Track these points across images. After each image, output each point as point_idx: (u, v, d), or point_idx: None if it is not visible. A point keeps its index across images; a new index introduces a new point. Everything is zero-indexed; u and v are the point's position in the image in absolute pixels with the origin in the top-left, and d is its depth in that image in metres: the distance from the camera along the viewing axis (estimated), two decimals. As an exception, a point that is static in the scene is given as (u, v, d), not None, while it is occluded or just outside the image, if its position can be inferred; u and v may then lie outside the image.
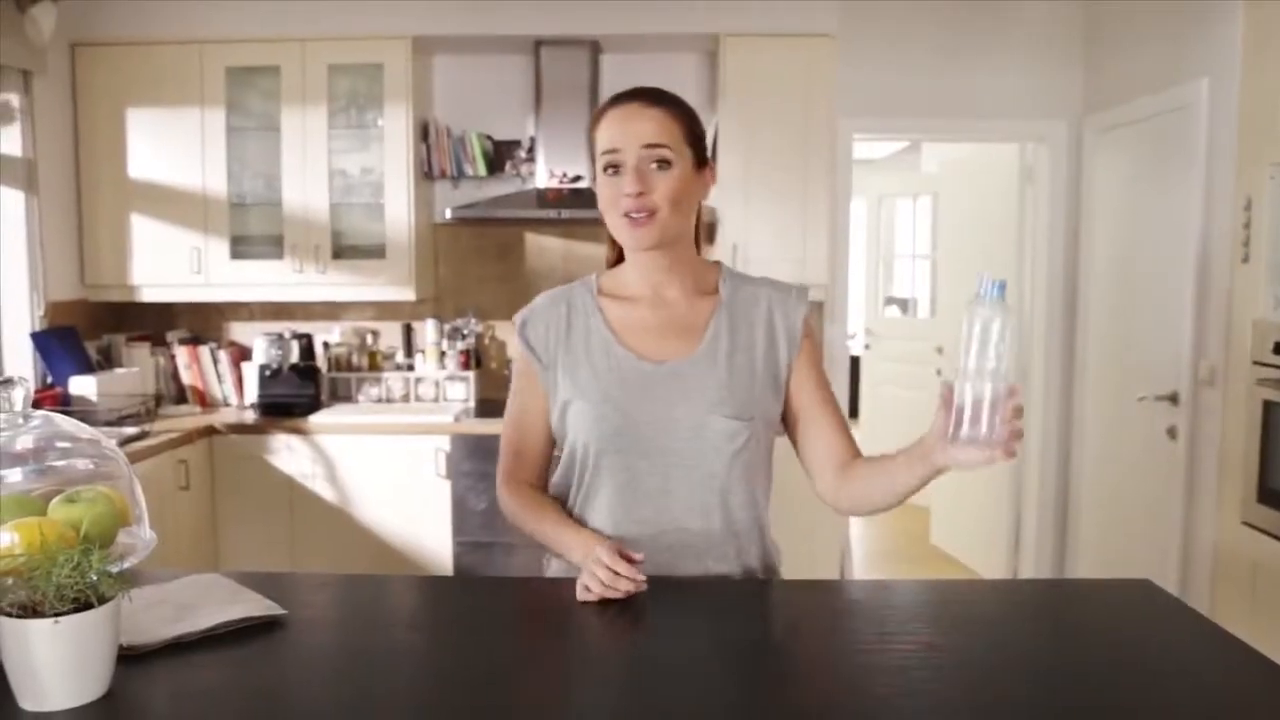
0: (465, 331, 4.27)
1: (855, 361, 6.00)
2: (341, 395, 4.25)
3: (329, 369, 4.25)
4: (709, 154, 1.56)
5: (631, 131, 1.46)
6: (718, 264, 1.63)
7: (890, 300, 7.12)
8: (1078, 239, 4.33)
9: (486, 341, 4.40)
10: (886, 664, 1.20)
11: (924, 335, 5.95)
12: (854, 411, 7.20)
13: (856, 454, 1.55)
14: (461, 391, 4.22)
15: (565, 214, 3.90)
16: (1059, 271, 4.39)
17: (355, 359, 4.28)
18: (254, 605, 1.33)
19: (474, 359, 4.27)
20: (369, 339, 4.34)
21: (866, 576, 4.92)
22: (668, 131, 1.47)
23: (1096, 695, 1.12)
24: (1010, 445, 1.20)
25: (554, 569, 1.61)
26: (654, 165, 1.46)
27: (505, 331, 4.40)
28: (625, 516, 1.51)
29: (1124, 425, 3.98)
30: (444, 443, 3.78)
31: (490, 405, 4.17)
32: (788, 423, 1.58)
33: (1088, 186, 4.26)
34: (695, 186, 1.52)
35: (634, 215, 1.45)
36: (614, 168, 1.47)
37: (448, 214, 3.92)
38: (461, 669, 1.18)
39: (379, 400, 4.23)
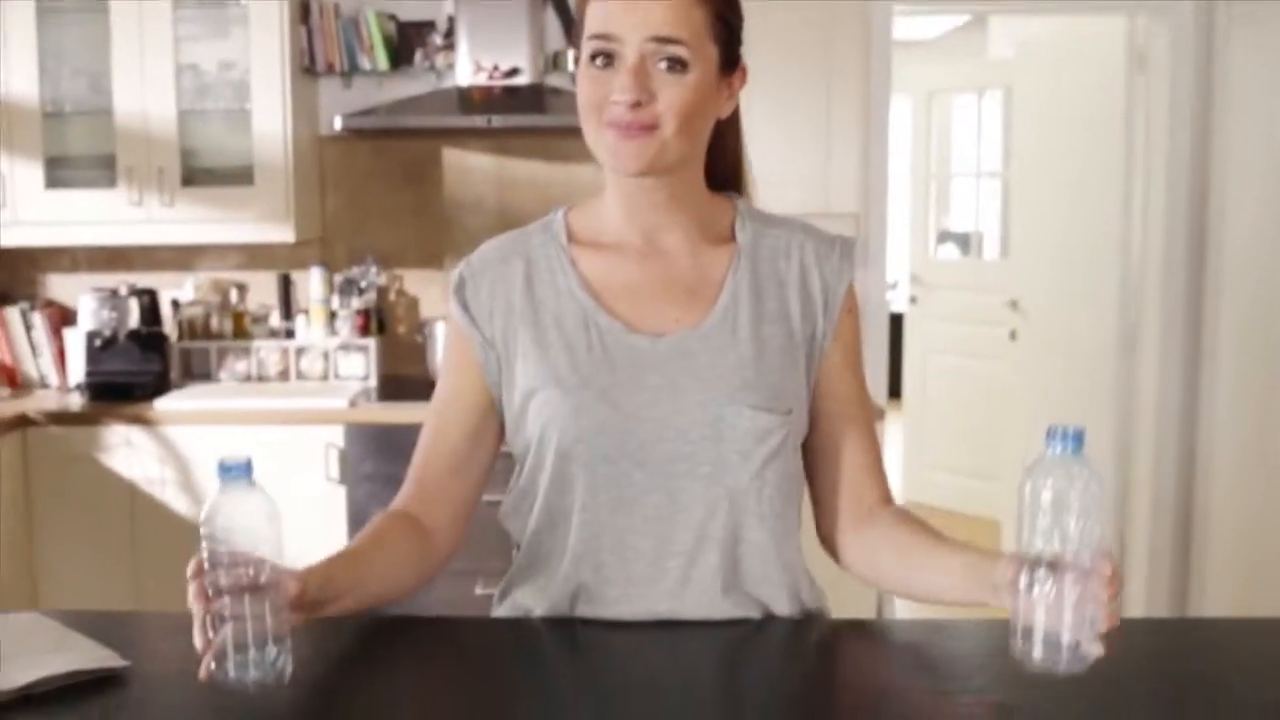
0: (364, 285, 4.32)
1: (896, 321, 6.02)
2: (198, 372, 4.28)
3: (180, 337, 4.28)
4: (740, 51, 1.54)
5: (637, 14, 1.43)
6: (730, 200, 1.63)
7: (945, 236, 7.17)
8: (1209, 152, 4.32)
9: (393, 297, 4.44)
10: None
11: (991, 283, 5.99)
12: (895, 390, 7.25)
13: (887, 499, 1.59)
14: (359, 366, 4.27)
15: (498, 121, 3.96)
16: (1182, 198, 4.40)
17: (216, 323, 4.31)
18: (85, 655, 1.34)
19: (376, 322, 4.32)
20: (234, 296, 4.36)
21: (912, 615, 4.98)
22: (688, 20, 1.44)
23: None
24: (1104, 644, 1.22)
25: (506, 608, 1.62)
26: (662, 65, 1.44)
27: (417, 283, 4.45)
28: (613, 548, 1.51)
29: (1274, 411, 3.99)
30: (337, 435, 3.81)
31: (398, 384, 4.22)
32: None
33: (1224, 76, 4.26)
34: (715, 98, 1.51)
35: (623, 128, 1.44)
36: (604, 57, 1.45)
37: (338, 123, 3.98)
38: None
39: (248, 378, 4.27)
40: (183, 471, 3.84)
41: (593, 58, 1.46)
